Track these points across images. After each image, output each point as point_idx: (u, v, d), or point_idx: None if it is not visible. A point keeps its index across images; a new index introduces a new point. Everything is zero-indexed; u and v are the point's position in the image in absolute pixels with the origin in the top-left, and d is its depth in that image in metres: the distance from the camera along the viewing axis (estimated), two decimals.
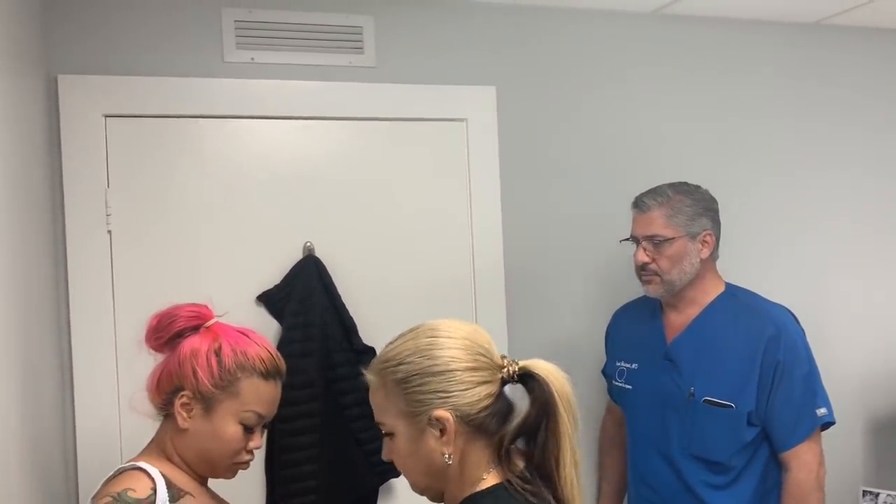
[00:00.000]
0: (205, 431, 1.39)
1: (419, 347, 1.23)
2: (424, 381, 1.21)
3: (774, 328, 1.97)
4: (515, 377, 1.24)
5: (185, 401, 1.38)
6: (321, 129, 2.22)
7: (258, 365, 1.42)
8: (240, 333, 1.45)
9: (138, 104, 2.05)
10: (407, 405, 1.22)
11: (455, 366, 1.21)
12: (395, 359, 1.24)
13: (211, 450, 1.41)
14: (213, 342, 1.41)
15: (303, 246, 2.17)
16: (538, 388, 1.22)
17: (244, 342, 1.43)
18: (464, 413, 1.21)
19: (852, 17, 2.67)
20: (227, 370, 1.39)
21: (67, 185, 1.98)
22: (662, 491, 2.07)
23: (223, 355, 1.39)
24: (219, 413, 1.39)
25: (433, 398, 1.20)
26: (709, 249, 2.04)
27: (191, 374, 1.38)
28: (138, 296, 2.03)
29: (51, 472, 1.74)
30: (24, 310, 1.52)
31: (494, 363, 1.24)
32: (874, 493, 2.55)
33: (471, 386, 1.21)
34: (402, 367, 1.23)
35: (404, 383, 1.22)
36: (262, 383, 1.43)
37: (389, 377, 1.24)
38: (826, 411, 1.99)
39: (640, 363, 2.14)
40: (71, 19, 2.01)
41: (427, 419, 1.21)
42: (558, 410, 1.21)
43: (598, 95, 2.49)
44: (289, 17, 2.18)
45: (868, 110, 2.81)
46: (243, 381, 1.40)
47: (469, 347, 1.23)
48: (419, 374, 1.21)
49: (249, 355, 1.41)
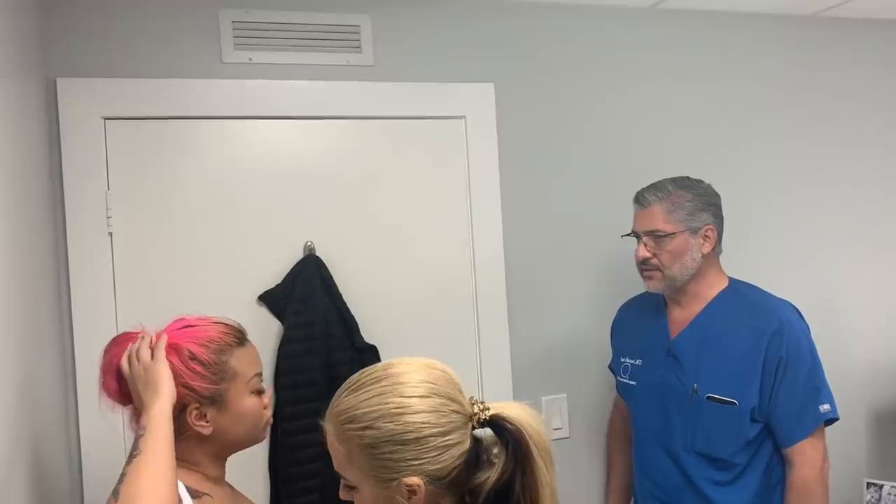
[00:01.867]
0: (229, 423, 1.40)
1: (389, 411, 1.14)
2: (395, 450, 1.13)
3: (778, 324, 1.96)
4: (484, 423, 1.17)
5: (196, 412, 1.37)
6: (320, 129, 2.22)
7: (228, 339, 1.42)
8: (186, 327, 1.42)
9: (137, 106, 2.05)
10: (374, 470, 1.14)
11: (427, 432, 1.13)
12: (360, 420, 1.15)
13: (241, 432, 1.42)
14: (179, 353, 1.37)
15: (303, 245, 2.18)
16: (510, 437, 1.14)
17: (200, 332, 1.41)
18: (435, 477, 1.14)
19: (849, 9, 2.66)
20: (213, 363, 1.38)
21: (68, 188, 1.99)
22: (667, 487, 2.08)
23: (198, 356, 1.38)
24: (231, 400, 1.40)
25: (404, 466, 1.13)
26: (710, 244, 2.03)
27: (185, 391, 1.36)
28: (140, 297, 2.03)
29: (54, 478, 1.74)
30: (25, 313, 1.52)
31: (465, 413, 1.17)
32: (878, 485, 2.55)
33: (443, 451, 1.14)
34: (368, 433, 1.14)
35: (372, 448, 1.14)
36: (243, 350, 1.44)
37: (354, 440, 1.15)
38: (829, 407, 1.98)
39: (643, 359, 2.14)
40: (69, 22, 2.01)
41: (396, 484, 1.13)
42: (534, 461, 1.14)
43: (596, 91, 2.49)
44: (286, 17, 2.18)
45: (869, 101, 2.81)
46: (231, 361, 1.40)
47: (440, 407, 1.15)
48: (389, 442, 1.13)
49: (216, 339, 1.41)
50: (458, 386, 1.19)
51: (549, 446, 1.17)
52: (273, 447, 2.11)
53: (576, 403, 2.45)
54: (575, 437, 2.45)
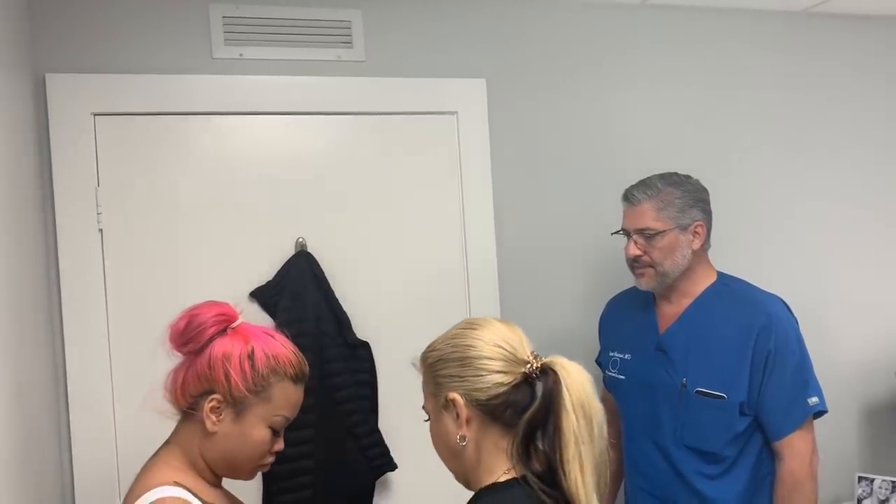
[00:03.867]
0: (233, 435, 1.37)
1: (449, 337, 1.34)
2: (445, 366, 1.31)
3: (766, 318, 1.97)
4: (537, 373, 1.28)
5: (214, 405, 1.36)
6: (311, 125, 2.22)
7: (289, 370, 1.40)
8: (268, 335, 1.43)
9: (127, 102, 2.04)
10: (433, 387, 1.33)
11: (472, 353, 1.29)
12: (432, 346, 1.36)
13: (237, 453, 1.39)
14: (246, 346, 1.38)
15: (295, 241, 2.17)
16: (546, 381, 1.26)
17: (274, 345, 1.41)
18: (474, 398, 1.27)
19: (840, 5, 2.67)
20: (261, 375, 1.37)
21: (57, 185, 1.98)
22: (657, 480, 2.08)
23: (256, 360, 1.37)
24: (249, 418, 1.37)
25: (448, 381, 1.30)
26: (700, 240, 2.04)
27: (223, 378, 1.35)
28: (131, 293, 2.03)
29: (45, 479, 1.73)
30: (14, 311, 1.52)
31: (517, 358, 1.29)
32: (869, 479, 2.56)
33: (484, 374, 1.27)
34: (433, 353, 1.34)
35: (432, 367, 1.33)
36: (292, 387, 1.42)
37: (426, 360, 1.36)
38: (818, 400, 1.99)
39: (632, 353, 2.14)
40: (58, 18, 2.00)
41: (443, 400, 1.30)
42: (564, 405, 1.23)
43: (588, 86, 2.49)
44: (277, 12, 2.17)
45: (859, 98, 2.81)
46: (275, 386, 1.39)
47: (491, 341, 1.30)
48: (442, 360, 1.32)
49: (281, 360, 1.40)
50: (520, 340, 1.34)
51: (587, 402, 1.25)
52: None
53: None
54: None
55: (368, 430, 2.19)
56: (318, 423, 2.10)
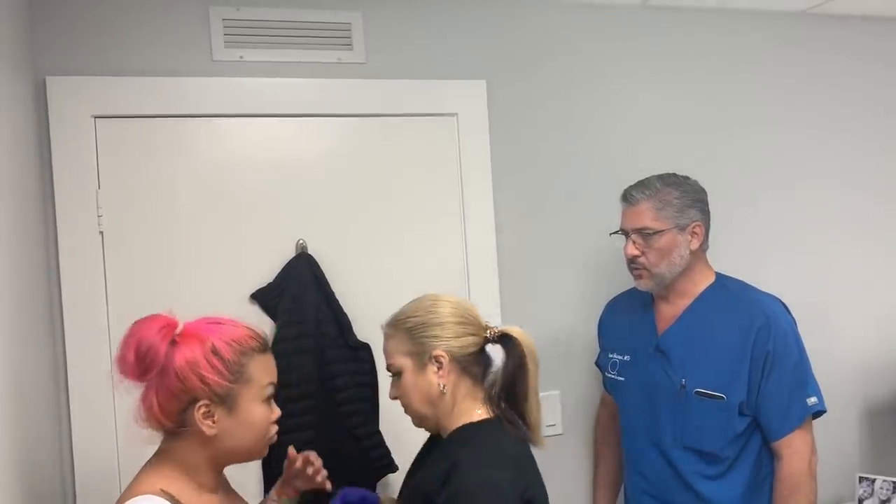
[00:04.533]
0: (235, 427, 1.38)
1: (424, 306, 1.65)
2: (427, 329, 1.61)
3: (764, 318, 1.97)
4: (496, 337, 1.64)
5: (205, 410, 1.35)
6: (312, 127, 2.22)
7: (253, 343, 1.41)
8: (215, 324, 1.41)
9: (127, 105, 2.05)
10: (414, 346, 1.61)
11: (450, 319, 1.62)
12: (407, 314, 1.64)
13: (246, 440, 1.40)
14: (203, 344, 1.36)
15: (295, 243, 2.17)
16: (513, 346, 1.63)
17: (228, 330, 1.40)
18: (454, 354, 1.60)
19: (838, 6, 2.67)
20: (233, 362, 1.37)
21: (58, 187, 1.98)
22: (657, 481, 2.08)
23: (221, 351, 1.36)
24: (242, 405, 1.38)
25: (433, 341, 1.60)
26: (698, 241, 2.04)
27: (200, 383, 1.34)
28: (132, 296, 2.03)
29: (46, 480, 1.73)
30: (16, 313, 1.52)
31: (480, 325, 1.66)
32: (870, 479, 2.56)
33: (460, 335, 1.61)
34: (412, 319, 1.63)
35: (412, 330, 1.62)
36: (263, 357, 1.43)
37: (401, 326, 1.63)
38: (816, 400, 1.99)
39: (631, 355, 2.14)
40: (58, 20, 2.00)
41: (428, 356, 1.60)
42: (527, 362, 1.63)
43: (588, 87, 2.49)
44: (277, 14, 2.17)
45: (860, 98, 2.81)
46: (250, 365, 1.39)
47: (463, 309, 1.66)
48: (424, 324, 1.61)
49: (242, 340, 1.40)
50: (476, 311, 1.69)
51: (537, 356, 1.66)
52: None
53: (569, 400, 2.46)
54: (568, 434, 2.45)
55: (369, 431, 2.19)
56: (319, 425, 2.10)
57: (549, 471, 2.40)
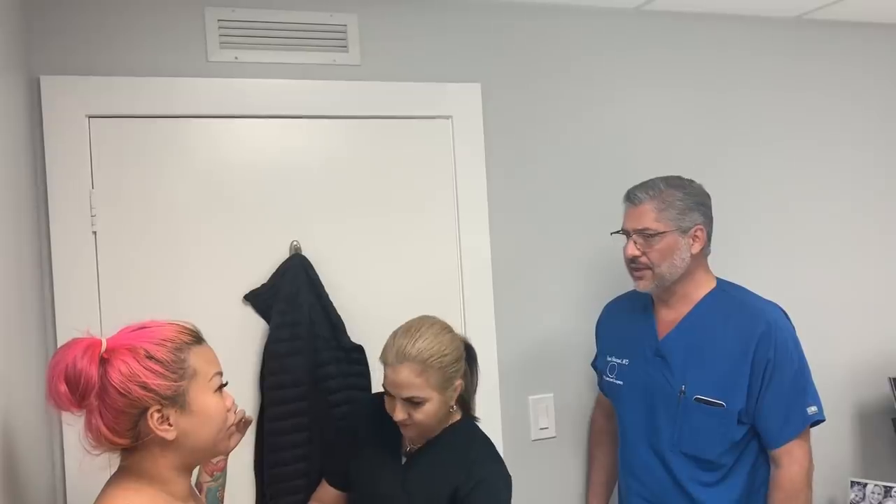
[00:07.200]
0: (192, 424, 1.34)
1: (445, 341, 1.80)
2: (456, 364, 1.81)
3: (766, 325, 1.97)
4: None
5: (158, 416, 1.30)
6: (306, 128, 2.22)
7: (185, 338, 1.37)
8: (139, 329, 1.37)
9: (122, 104, 2.04)
10: (444, 382, 1.78)
11: (462, 351, 1.85)
12: (436, 353, 1.77)
13: (206, 435, 1.36)
14: (134, 354, 1.31)
15: (289, 245, 2.17)
16: (472, 353, 1.92)
17: (155, 332, 1.36)
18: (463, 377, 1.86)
19: (832, 12, 2.69)
20: (170, 361, 1.32)
21: (51, 187, 1.97)
22: (653, 486, 2.08)
23: (155, 354, 1.32)
24: (194, 399, 1.34)
25: (456, 373, 1.82)
26: (700, 244, 2.03)
27: (143, 392, 1.29)
28: (124, 297, 2.02)
29: (36, 488, 1.72)
30: (7, 314, 1.51)
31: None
32: (862, 484, 2.57)
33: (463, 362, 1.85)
34: (445, 359, 1.77)
35: (446, 368, 1.78)
36: (200, 348, 1.39)
37: (435, 365, 1.76)
38: (816, 409, 1.99)
39: (630, 359, 2.14)
40: (53, 19, 2.00)
41: (453, 387, 1.81)
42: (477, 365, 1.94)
43: (583, 91, 2.50)
44: (272, 15, 2.17)
45: (854, 102, 2.83)
46: (189, 359, 1.35)
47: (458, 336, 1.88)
48: (454, 361, 1.80)
49: (171, 338, 1.35)
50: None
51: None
52: (259, 447, 2.11)
53: (562, 403, 2.46)
54: (562, 437, 2.45)
55: None
56: (312, 426, 2.10)
57: (543, 474, 2.42)
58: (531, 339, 2.43)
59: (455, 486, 1.77)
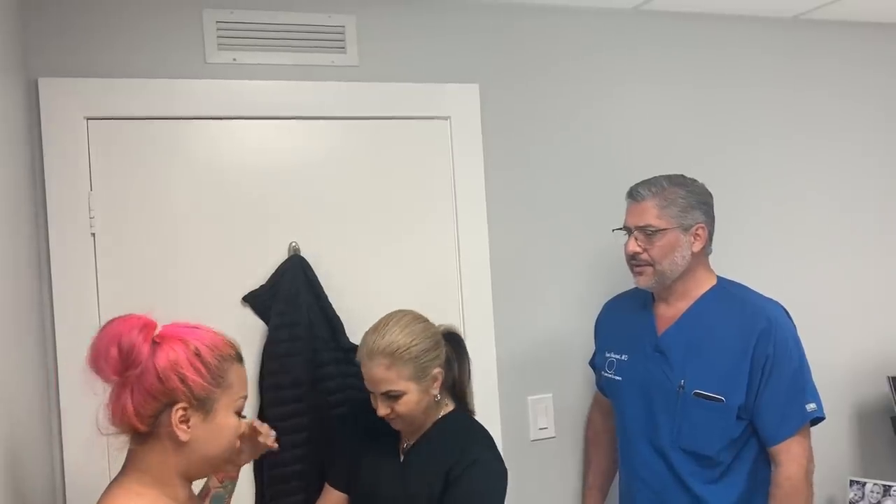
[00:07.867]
0: (207, 435, 1.34)
1: (416, 331, 1.81)
2: (429, 353, 1.81)
3: (766, 322, 1.97)
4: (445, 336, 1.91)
5: (182, 413, 1.31)
6: (305, 129, 2.22)
7: (231, 352, 1.39)
8: (194, 329, 1.39)
9: (120, 106, 2.04)
10: (419, 372, 1.79)
11: (437, 336, 1.86)
12: (404, 344, 1.77)
13: (214, 451, 1.37)
14: (187, 346, 1.33)
15: (288, 246, 2.17)
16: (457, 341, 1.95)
17: (208, 336, 1.38)
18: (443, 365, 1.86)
19: (829, 12, 2.69)
20: (215, 367, 1.34)
21: (50, 189, 1.97)
22: (653, 483, 2.08)
23: (203, 355, 1.34)
24: (219, 411, 1.35)
25: (434, 361, 1.82)
26: (701, 243, 2.04)
27: (181, 385, 1.30)
28: (123, 298, 2.01)
29: (35, 489, 1.72)
30: (5, 316, 1.51)
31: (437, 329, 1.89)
32: (861, 483, 2.57)
33: (441, 344, 1.86)
34: (414, 348, 1.78)
35: (418, 359, 1.79)
36: (240, 367, 1.41)
37: (405, 356, 1.77)
38: (815, 406, 1.99)
39: (630, 355, 2.14)
40: (51, 21, 2.00)
41: (430, 377, 1.81)
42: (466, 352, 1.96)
43: (581, 91, 2.50)
44: (270, 17, 2.17)
45: (851, 102, 2.84)
46: (229, 372, 1.37)
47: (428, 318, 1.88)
48: (426, 350, 1.80)
49: (221, 346, 1.38)
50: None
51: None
52: None
53: (561, 403, 2.46)
54: (561, 437, 2.45)
55: None
56: (311, 427, 2.10)
57: (541, 473, 2.42)
58: (530, 339, 2.44)
59: (449, 465, 1.78)
